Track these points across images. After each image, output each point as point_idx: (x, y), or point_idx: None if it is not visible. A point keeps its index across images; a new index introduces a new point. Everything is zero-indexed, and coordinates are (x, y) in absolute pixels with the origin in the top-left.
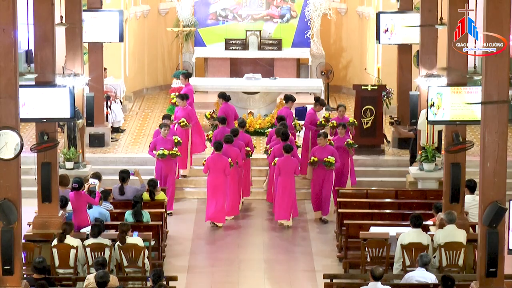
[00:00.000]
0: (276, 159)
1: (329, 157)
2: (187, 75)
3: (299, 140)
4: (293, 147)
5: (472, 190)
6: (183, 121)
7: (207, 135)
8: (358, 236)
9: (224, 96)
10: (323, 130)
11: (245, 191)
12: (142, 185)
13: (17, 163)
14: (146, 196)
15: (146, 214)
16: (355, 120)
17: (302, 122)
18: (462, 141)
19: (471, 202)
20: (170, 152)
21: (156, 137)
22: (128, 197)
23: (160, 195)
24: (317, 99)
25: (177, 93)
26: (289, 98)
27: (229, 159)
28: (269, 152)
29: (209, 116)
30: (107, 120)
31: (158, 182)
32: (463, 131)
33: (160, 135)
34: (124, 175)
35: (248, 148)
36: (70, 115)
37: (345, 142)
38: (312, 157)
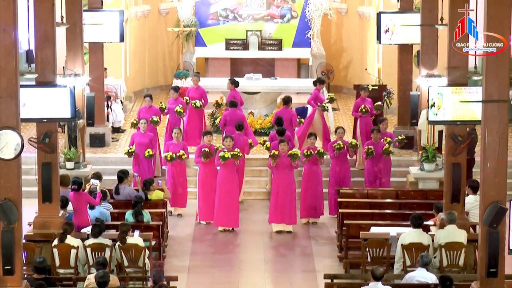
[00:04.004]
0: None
1: (294, 149)
2: (234, 82)
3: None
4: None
5: (475, 191)
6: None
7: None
8: (358, 236)
9: (234, 82)
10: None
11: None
12: (141, 191)
13: (17, 163)
14: None
15: (146, 214)
16: (357, 143)
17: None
18: (462, 140)
19: (474, 202)
20: (232, 154)
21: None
22: (122, 197)
23: (154, 194)
24: (314, 82)
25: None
26: (288, 100)
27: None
28: (268, 146)
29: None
30: (107, 120)
31: (160, 181)
32: (463, 131)
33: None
34: (121, 175)
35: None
36: (71, 115)
37: (349, 143)
38: (273, 151)
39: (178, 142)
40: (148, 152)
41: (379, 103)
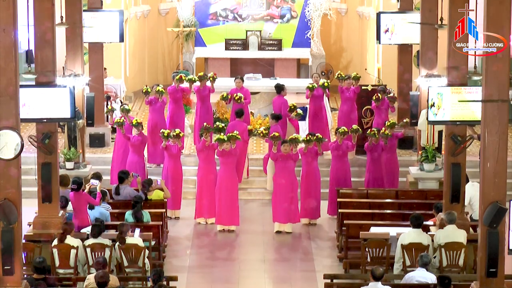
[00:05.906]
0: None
1: (295, 135)
2: (243, 79)
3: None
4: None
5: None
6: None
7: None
8: (358, 236)
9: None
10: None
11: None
12: (141, 192)
13: (17, 163)
14: None
15: (146, 214)
16: (359, 128)
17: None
18: (462, 140)
19: (470, 188)
20: (229, 135)
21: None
22: (122, 197)
23: (154, 194)
24: (278, 90)
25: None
26: (281, 88)
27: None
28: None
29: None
30: (107, 120)
31: (159, 181)
32: (462, 131)
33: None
34: (122, 176)
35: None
36: (71, 115)
37: (350, 129)
38: (274, 133)
39: (175, 144)
40: (137, 120)
41: (389, 90)
